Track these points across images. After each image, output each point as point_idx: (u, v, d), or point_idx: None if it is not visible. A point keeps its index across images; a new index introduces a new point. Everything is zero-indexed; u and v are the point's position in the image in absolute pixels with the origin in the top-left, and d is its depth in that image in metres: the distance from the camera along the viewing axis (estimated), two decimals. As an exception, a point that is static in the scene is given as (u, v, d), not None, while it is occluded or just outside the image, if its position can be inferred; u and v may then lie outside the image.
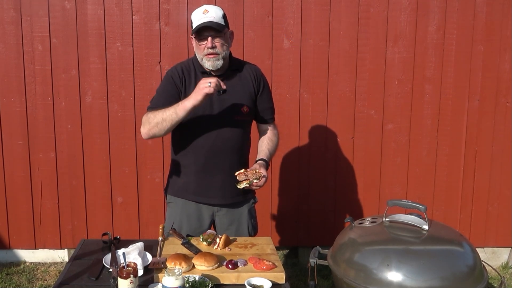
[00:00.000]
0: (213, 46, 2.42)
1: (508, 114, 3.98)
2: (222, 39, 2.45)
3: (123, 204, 3.97)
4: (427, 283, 2.00)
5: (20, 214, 3.96)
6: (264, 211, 3.96)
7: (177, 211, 2.67)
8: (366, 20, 3.84)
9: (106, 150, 3.90)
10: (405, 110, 3.96)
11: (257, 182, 2.43)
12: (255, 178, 2.42)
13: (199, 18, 2.43)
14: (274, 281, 2.07)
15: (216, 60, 2.45)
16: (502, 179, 4.07)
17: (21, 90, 3.81)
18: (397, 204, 2.34)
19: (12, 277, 3.85)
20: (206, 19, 2.40)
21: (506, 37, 3.88)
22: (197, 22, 2.43)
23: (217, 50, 2.43)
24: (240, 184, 2.42)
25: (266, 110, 2.69)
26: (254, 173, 2.43)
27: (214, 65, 2.46)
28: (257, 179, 2.42)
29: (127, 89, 3.84)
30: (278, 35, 3.83)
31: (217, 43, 2.43)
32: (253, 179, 2.42)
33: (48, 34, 3.76)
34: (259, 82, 2.64)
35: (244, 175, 2.43)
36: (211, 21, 2.40)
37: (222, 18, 2.45)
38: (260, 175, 2.43)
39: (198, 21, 2.42)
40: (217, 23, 2.41)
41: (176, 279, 1.88)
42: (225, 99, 2.54)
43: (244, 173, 2.43)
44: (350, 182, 4.05)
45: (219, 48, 2.44)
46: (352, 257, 2.17)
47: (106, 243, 2.46)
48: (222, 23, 2.44)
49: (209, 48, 2.42)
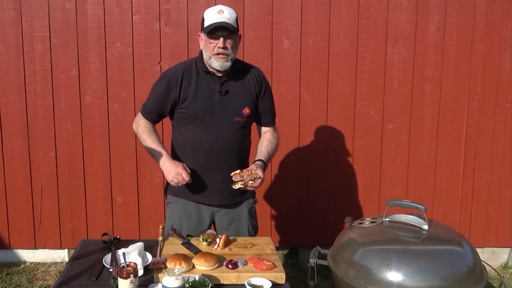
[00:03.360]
0: (225, 47, 2.44)
1: (508, 114, 3.99)
2: (233, 41, 2.47)
3: (123, 204, 3.97)
4: (427, 283, 2.00)
5: (20, 214, 3.96)
6: (264, 211, 3.96)
7: (177, 211, 2.67)
8: (366, 20, 3.84)
9: (106, 150, 3.90)
10: (405, 110, 3.96)
11: (252, 184, 2.43)
12: (251, 179, 2.42)
13: (213, 17, 2.43)
14: (274, 281, 2.07)
15: (226, 61, 2.47)
16: (502, 179, 4.07)
17: (21, 90, 3.81)
18: (397, 204, 2.34)
19: (12, 277, 3.85)
20: (221, 19, 2.41)
21: (506, 37, 3.88)
22: (211, 20, 2.43)
23: (227, 51, 2.45)
24: (235, 184, 2.43)
25: (267, 113, 2.70)
26: (250, 174, 2.43)
27: (223, 65, 2.47)
28: (252, 180, 2.42)
29: (127, 89, 3.84)
30: (278, 35, 3.83)
31: (228, 44, 2.45)
32: (248, 180, 2.42)
33: (48, 34, 3.76)
34: (261, 85, 2.65)
35: (239, 175, 2.43)
36: (226, 21, 2.41)
37: (235, 20, 2.48)
38: (256, 176, 2.43)
39: (212, 20, 2.43)
40: (232, 24, 2.43)
41: (176, 279, 1.88)
42: (227, 100, 2.54)
43: (239, 174, 2.43)
44: (350, 182, 4.05)
45: (230, 49, 2.46)
46: (352, 257, 2.17)
47: (106, 243, 2.46)
48: (236, 26, 2.46)
49: (220, 48, 2.43)
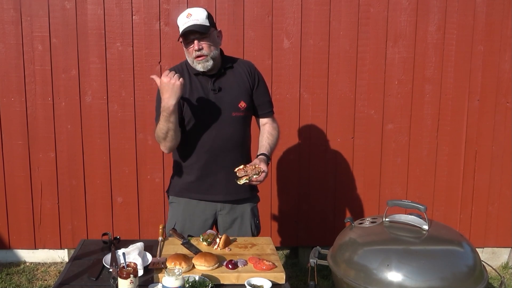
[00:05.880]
0: (200, 48, 2.45)
1: (508, 114, 3.98)
2: (208, 40, 2.47)
3: (123, 204, 3.97)
4: (427, 283, 2.00)
5: (20, 214, 3.96)
6: (264, 211, 3.95)
7: (179, 210, 2.67)
8: (366, 20, 3.84)
9: (106, 150, 3.90)
10: (405, 110, 3.96)
11: (256, 178, 2.43)
12: (255, 173, 2.42)
13: (183, 22, 2.46)
14: (274, 281, 2.07)
15: (205, 61, 2.48)
16: (502, 179, 4.07)
17: (21, 90, 3.81)
18: (397, 204, 2.34)
19: (12, 277, 3.85)
20: (189, 22, 2.43)
21: (506, 37, 3.88)
22: (182, 26, 2.46)
23: (204, 51, 2.46)
24: (240, 180, 2.43)
25: (263, 104, 2.70)
26: (254, 168, 2.43)
27: (204, 66, 2.49)
28: (256, 175, 2.42)
29: (127, 89, 3.84)
30: (278, 35, 3.83)
31: (204, 44, 2.46)
32: (252, 175, 2.42)
33: (48, 34, 3.76)
34: (254, 77, 2.65)
35: (243, 170, 2.43)
36: (195, 24, 2.43)
37: (206, 19, 2.47)
38: (259, 170, 2.43)
39: (182, 25, 2.46)
40: (201, 25, 2.43)
41: (176, 279, 1.88)
42: (222, 96, 2.55)
43: (243, 169, 2.43)
44: (350, 182, 4.05)
45: (206, 49, 2.46)
46: (352, 257, 2.17)
47: (106, 243, 2.46)
48: (206, 24, 2.46)
49: (196, 50, 2.45)
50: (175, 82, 2.34)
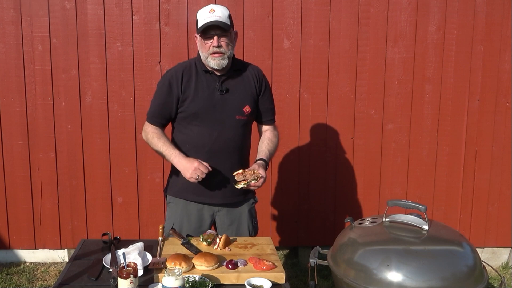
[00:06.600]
0: (219, 45, 2.44)
1: (508, 114, 3.98)
2: (227, 38, 2.47)
3: (123, 204, 3.97)
4: (427, 283, 2.00)
5: (20, 214, 3.96)
6: (264, 211, 3.95)
7: (177, 211, 2.67)
8: (366, 20, 3.84)
9: (106, 150, 3.90)
10: (405, 110, 3.96)
11: (255, 183, 2.43)
12: (253, 178, 2.42)
13: (205, 17, 2.44)
14: (274, 281, 2.07)
15: (222, 59, 2.47)
16: (502, 179, 4.07)
17: (21, 90, 3.81)
18: (397, 204, 2.34)
19: (12, 277, 3.85)
20: (212, 18, 2.42)
21: (506, 37, 3.88)
22: (203, 20, 2.44)
23: (222, 49, 2.45)
24: (238, 184, 2.43)
25: (267, 111, 2.70)
26: (253, 173, 2.43)
27: (219, 64, 2.47)
28: (255, 180, 2.42)
29: (127, 89, 3.84)
30: (278, 35, 3.83)
31: (223, 42, 2.45)
32: (251, 180, 2.42)
33: (48, 34, 3.76)
34: (261, 83, 2.65)
35: (242, 175, 2.43)
36: (218, 20, 2.41)
37: (228, 18, 2.47)
38: (258, 175, 2.43)
39: (204, 19, 2.43)
40: (224, 22, 2.43)
41: (176, 279, 1.88)
42: (227, 98, 2.54)
43: (242, 173, 2.43)
44: (350, 182, 4.05)
45: (225, 47, 2.46)
46: (352, 257, 2.17)
47: (106, 243, 2.46)
48: (228, 23, 2.46)
49: (215, 47, 2.44)
50: (191, 177, 2.42)
